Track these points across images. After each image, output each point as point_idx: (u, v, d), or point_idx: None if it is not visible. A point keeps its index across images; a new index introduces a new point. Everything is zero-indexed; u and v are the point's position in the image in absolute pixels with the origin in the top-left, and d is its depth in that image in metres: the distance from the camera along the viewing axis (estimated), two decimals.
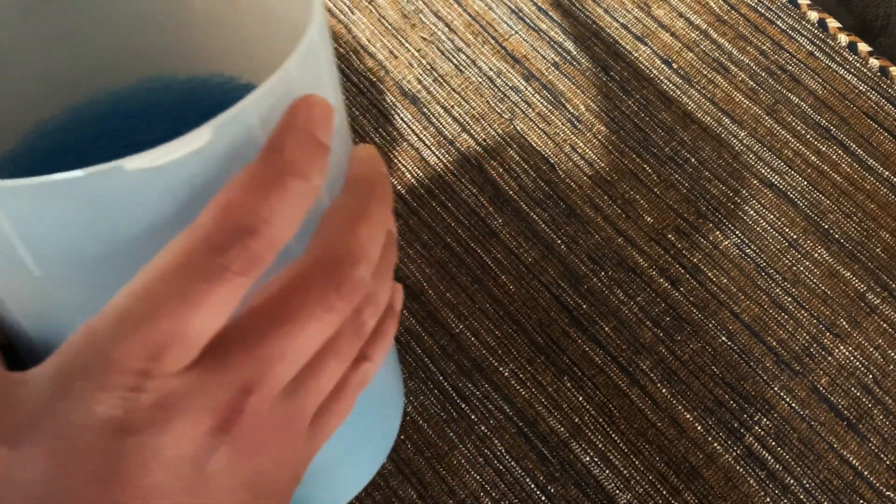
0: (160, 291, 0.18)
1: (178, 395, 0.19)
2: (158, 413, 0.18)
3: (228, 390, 0.20)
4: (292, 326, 0.20)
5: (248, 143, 0.20)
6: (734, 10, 0.60)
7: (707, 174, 0.55)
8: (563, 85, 0.58)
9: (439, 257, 0.53)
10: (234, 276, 0.19)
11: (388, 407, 0.38)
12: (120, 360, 0.18)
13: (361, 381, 0.25)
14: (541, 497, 0.46)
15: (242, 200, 0.19)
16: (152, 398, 0.18)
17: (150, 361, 0.18)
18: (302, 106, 0.20)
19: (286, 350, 0.20)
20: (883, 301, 0.51)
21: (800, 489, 0.46)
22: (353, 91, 0.58)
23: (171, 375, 0.19)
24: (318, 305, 0.21)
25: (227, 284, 0.18)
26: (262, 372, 0.20)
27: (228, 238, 0.18)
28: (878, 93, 0.57)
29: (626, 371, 0.49)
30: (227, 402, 0.19)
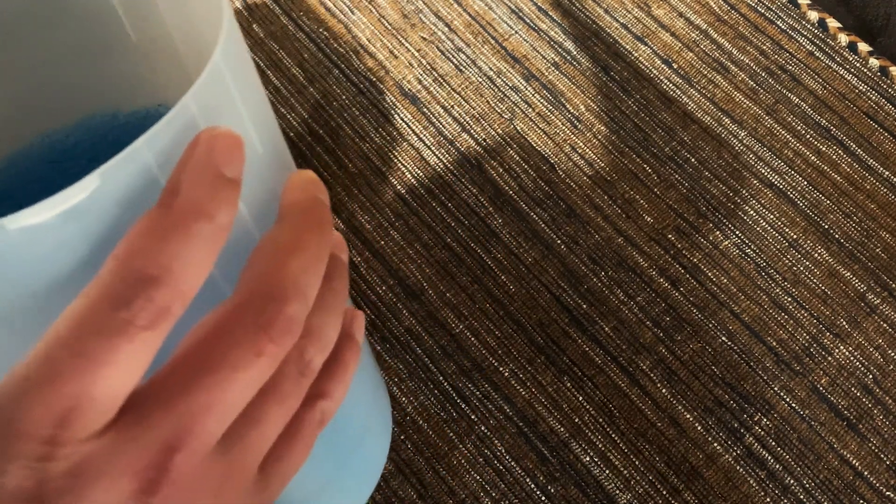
0: (62, 353, 0.17)
1: (94, 459, 0.18)
2: (72, 481, 0.17)
3: (150, 450, 0.18)
4: (218, 376, 0.19)
5: (148, 185, 0.18)
6: (734, 10, 0.60)
7: (707, 174, 0.55)
8: (563, 85, 0.58)
9: (439, 257, 0.52)
10: (140, 330, 0.17)
11: (368, 440, 0.36)
12: (25, 429, 0.17)
13: (320, 420, 0.24)
14: (541, 497, 0.46)
15: (142, 249, 0.18)
16: (64, 466, 0.17)
17: (58, 428, 0.17)
18: (203, 140, 0.19)
19: (213, 402, 0.19)
20: (883, 301, 0.51)
21: (800, 489, 0.46)
22: (353, 91, 0.58)
23: (83, 440, 0.18)
24: (246, 351, 0.19)
25: (133, 340, 0.17)
26: (187, 427, 0.19)
27: (130, 291, 0.17)
28: (878, 93, 0.57)
29: (626, 371, 0.49)
30: (150, 463, 0.18)
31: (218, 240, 0.19)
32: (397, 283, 0.52)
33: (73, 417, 0.17)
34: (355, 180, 0.55)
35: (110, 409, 0.18)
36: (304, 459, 0.24)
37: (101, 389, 0.17)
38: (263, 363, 0.20)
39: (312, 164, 0.56)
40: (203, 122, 0.19)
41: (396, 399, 0.49)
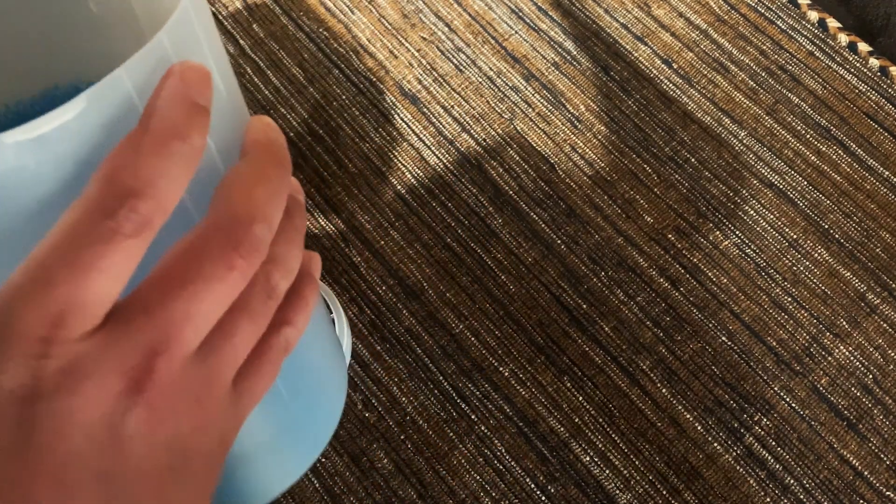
0: (54, 260, 0.18)
1: (85, 358, 0.19)
2: (66, 378, 0.19)
3: (136, 352, 0.20)
4: (195, 287, 0.20)
5: (128, 111, 0.20)
6: (734, 10, 0.60)
7: (707, 174, 0.55)
8: (563, 85, 0.58)
9: (439, 257, 0.52)
10: (124, 238, 0.19)
11: (325, 388, 0.37)
12: (21, 330, 0.18)
13: (285, 345, 0.25)
14: (541, 497, 0.46)
15: (125, 165, 0.19)
16: (58, 364, 0.19)
17: (52, 328, 0.18)
18: (176, 70, 0.20)
19: (191, 311, 0.20)
20: (883, 301, 0.51)
21: (800, 489, 0.46)
22: (353, 91, 0.58)
23: (75, 341, 0.19)
24: (219, 264, 0.21)
25: (119, 247, 0.19)
26: (169, 333, 0.20)
27: (115, 202, 0.19)
28: (878, 93, 0.57)
29: (626, 371, 0.49)
30: (136, 364, 0.20)
31: (192, 159, 0.20)
32: (397, 283, 0.52)
33: (65, 319, 0.19)
34: (355, 180, 0.55)
35: (99, 312, 0.19)
36: (271, 381, 0.25)
37: (90, 294, 0.19)
38: (235, 277, 0.21)
39: (312, 164, 0.56)
40: (175, 56, 0.21)
41: (396, 399, 0.49)
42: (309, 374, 0.34)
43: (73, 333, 0.19)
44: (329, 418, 0.37)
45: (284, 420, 0.33)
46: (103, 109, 0.19)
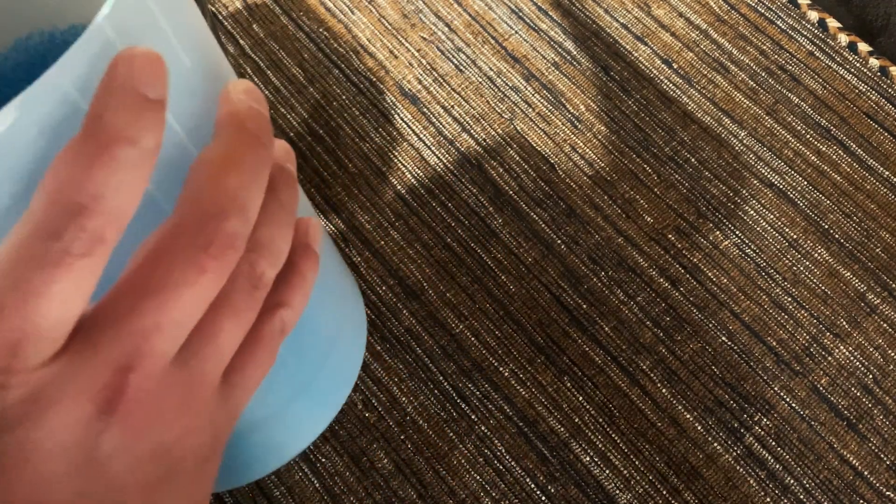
0: (2, 288, 0.17)
1: (48, 385, 0.18)
2: (30, 406, 0.18)
3: (104, 371, 0.19)
4: (163, 295, 0.19)
5: (71, 113, 0.18)
6: (734, 10, 0.60)
7: (707, 174, 0.55)
8: (563, 85, 0.58)
9: (439, 257, 0.52)
10: (76, 259, 0.18)
11: (341, 343, 0.35)
12: None
13: (281, 328, 0.24)
14: (541, 497, 0.46)
15: (69, 179, 0.17)
16: (19, 393, 0.18)
17: (9, 358, 0.18)
18: (121, 62, 0.18)
19: (161, 321, 0.19)
20: (883, 301, 0.51)
21: (800, 489, 0.46)
22: (353, 91, 0.58)
23: (36, 368, 0.18)
24: (189, 269, 0.19)
25: (71, 269, 0.18)
26: (139, 347, 0.19)
27: (61, 221, 0.17)
28: (878, 93, 0.57)
29: (626, 371, 0.49)
30: (106, 384, 0.19)
31: (145, 163, 0.18)
32: (397, 283, 0.52)
33: (21, 347, 0.18)
34: (355, 180, 0.55)
35: (59, 336, 0.18)
36: (267, 368, 0.24)
37: (45, 319, 0.18)
38: (208, 280, 0.20)
39: (312, 164, 0.56)
40: (120, 42, 0.18)
41: (396, 399, 0.49)
42: (317, 334, 0.31)
43: (32, 361, 0.18)
44: (347, 368, 0.35)
45: (293, 386, 0.31)
46: (41, 115, 0.17)
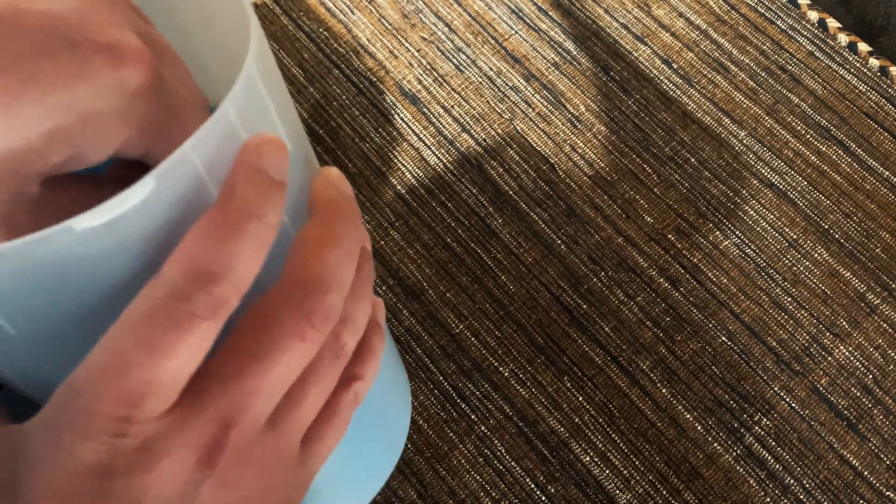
0: (132, 343, 0.19)
1: (161, 436, 0.20)
2: (143, 455, 0.19)
3: (209, 427, 0.20)
4: (267, 359, 0.21)
5: (198, 187, 0.20)
6: (734, 10, 0.60)
7: (707, 174, 0.55)
8: (563, 85, 0.58)
9: (439, 257, 0.53)
10: (200, 321, 0.19)
11: (391, 414, 0.37)
12: (101, 410, 0.19)
13: (354, 399, 0.26)
14: (541, 497, 0.46)
15: (203, 249, 0.19)
16: (136, 442, 0.19)
17: (130, 409, 0.19)
18: (252, 146, 0.20)
19: (262, 383, 0.21)
20: (883, 301, 0.51)
21: (800, 489, 0.46)
22: (353, 91, 0.58)
23: (152, 419, 0.20)
24: (291, 337, 0.21)
25: (195, 329, 0.19)
26: (241, 406, 0.21)
27: (192, 286, 0.19)
28: (878, 93, 0.57)
29: (626, 371, 0.49)
30: (210, 439, 0.20)
31: (269, 237, 0.21)
32: (397, 283, 0.52)
33: (143, 400, 0.19)
34: (355, 180, 0.55)
35: (174, 390, 0.20)
36: (341, 436, 0.26)
37: (166, 374, 0.19)
38: (306, 348, 0.22)
39: None
40: (240, 123, 0.21)
41: None
42: (373, 405, 0.33)
43: (150, 413, 0.20)
44: (397, 437, 0.37)
45: (346, 456, 0.33)
46: (171, 188, 0.19)
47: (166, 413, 0.20)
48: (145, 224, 0.19)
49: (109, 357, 0.19)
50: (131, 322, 0.19)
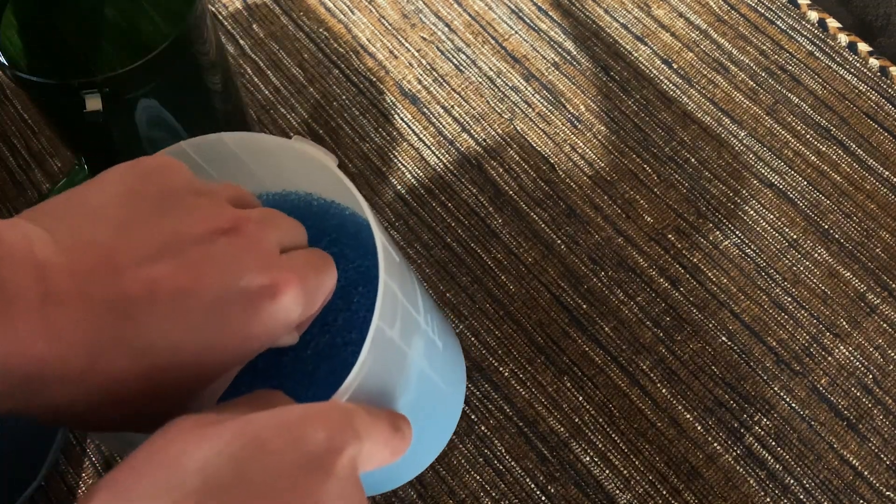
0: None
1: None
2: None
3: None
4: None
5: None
6: (734, 10, 0.60)
7: (707, 174, 0.55)
8: (563, 85, 0.58)
9: (439, 257, 0.52)
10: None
11: (454, 384, 0.39)
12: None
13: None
14: (541, 497, 0.46)
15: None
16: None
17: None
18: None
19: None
20: (883, 301, 0.51)
21: (800, 489, 0.46)
22: (353, 91, 0.58)
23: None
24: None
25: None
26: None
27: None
28: (878, 93, 0.57)
29: (626, 371, 0.49)
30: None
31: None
32: None
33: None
34: (355, 180, 0.55)
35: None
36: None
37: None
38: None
39: None
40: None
41: None
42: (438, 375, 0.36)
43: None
44: (454, 410, 0.39)
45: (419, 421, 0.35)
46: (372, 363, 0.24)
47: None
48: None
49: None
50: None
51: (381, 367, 0.25)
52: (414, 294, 0.29)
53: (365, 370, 0.23)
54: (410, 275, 0.30)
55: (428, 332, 0.30)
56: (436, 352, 0.31)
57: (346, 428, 0.21)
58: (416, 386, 0.28)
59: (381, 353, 0.24)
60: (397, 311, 0.25)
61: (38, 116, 0.58)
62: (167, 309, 0.21)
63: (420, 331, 0.28)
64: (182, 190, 0.23)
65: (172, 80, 0.41)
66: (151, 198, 0.22)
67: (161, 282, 0.21)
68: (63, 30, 0.40)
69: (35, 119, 0.58)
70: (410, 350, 0.27)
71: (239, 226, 0.23)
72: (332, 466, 0.20)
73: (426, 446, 0.37)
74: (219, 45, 0.45)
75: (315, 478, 0.19)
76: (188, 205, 0.23)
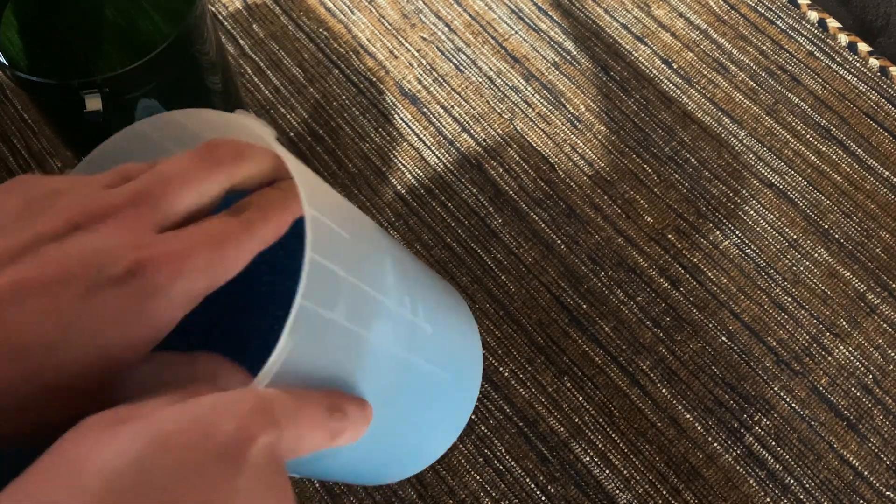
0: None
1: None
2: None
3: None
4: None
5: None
6: (734, 10, 0.60)
7: (707, 174, 0.55)
8: (563, 85, 0.58)
9: (439, 257, 0.52)
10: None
11: (469, 363, 0.38)
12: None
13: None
14: (541, 497, 0.46)
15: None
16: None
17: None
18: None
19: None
20: (883, 301, 0.51)
21: (800, 489, 0.46)
22: (353, 91, 0.58)
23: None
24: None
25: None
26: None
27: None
28: (878, 93, 0.57)
29: (626, 371, 0.49)
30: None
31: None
32: None
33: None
34: (355, 180, 0.55)
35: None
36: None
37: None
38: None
39: (312, 164, 0.56)
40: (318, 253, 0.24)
41: None
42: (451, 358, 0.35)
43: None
44: (469, 395, 0.38)
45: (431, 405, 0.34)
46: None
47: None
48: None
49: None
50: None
51: (319, 350, 0.24)
52: (380, 275, 0.28)
53: (291, 353, 0.23)
54: (383, 255, 0.29)
55: (404, 315, 0.29)
56: (422, 337, 0.30)
57: (258, 416, 0.21)
58: (391, 372, 0.28)
59: (319, 336, 0.24)
60: (340, 292, 0.25)
61: (38, 116, 0.58)
62: (38, 305, 0.21)
63: (388, 314, 0.28)
64: (41, 196, 0.23)
65: (172, 80, 0.41)
66: (10, 211, 0.23)
67: (26, 280, 0.21)
68: (63, 30, 0.40)
69: (35, 119, 0.58)
70: (370, 334, 0.26)
71: (102, 213, 0.23)
72: (244, 457, 0.20)
73: (433, 432, 0.36)
74: (219, 45, 0.45)
75: (225, 471, 0.20)
76: (47, 207, 0.23)
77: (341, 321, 0.25)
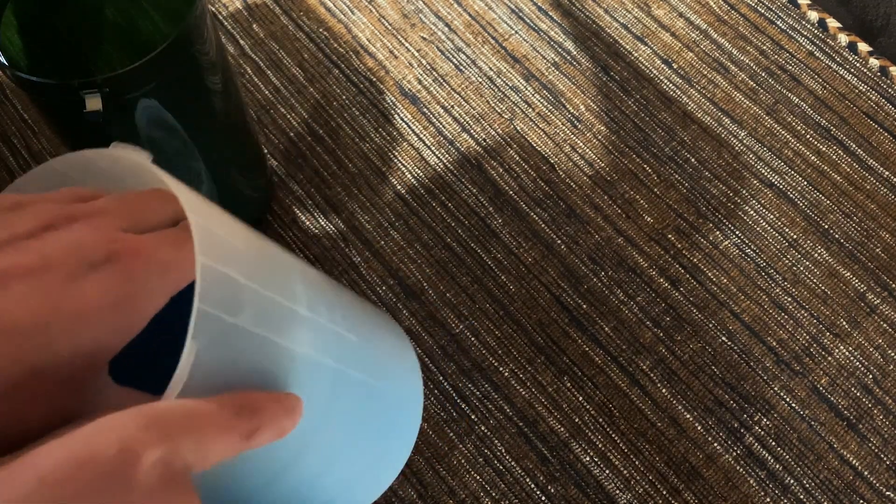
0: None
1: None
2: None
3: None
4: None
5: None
6: (734, 10, 0.60)
7: (707, 174, 0.55)
8: (563, 85, 0.58)
9: (439, 257, 0.52)
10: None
11: (406, 405, 0.38)
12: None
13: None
14: (541, 497, 0.46)
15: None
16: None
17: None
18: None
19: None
20: (883, 301, 0.51)
21: (800, 489, 0.46)
22: (353, 91, 0.58)
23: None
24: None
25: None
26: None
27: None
28: (878, 93, 0.57)
29: (626, 371, 0.49)
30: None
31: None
32: (397, 283, 0.52)
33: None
34: (355, 180, 0.55)
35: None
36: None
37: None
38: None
39: (312, 164, 0.56)
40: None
41: None
42: (385, 397, 0.35)
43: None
44: (407, 436, 0.37)
45: (359, 447, 0.34)
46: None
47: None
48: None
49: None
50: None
51: (231, 357, 0.24)
52: (285, 283, 0.28)
53: (201, 360, 0.22)
54: (288, 267, 0.29)
55: (321, 322, 0.29)
56: (348, 345, 0.30)
57: (144, 432, 0.20)
58: (322, 380, 0.28)
59: (227, 342, 0.24)
60: (242, 297, 0.25)
61: (38, 116, 0.58)
62: (24, 289, 0.21)
63: (303, 321, 0.28)
64: (8, 206, 0.24)
65: (172, 80, 0.41)
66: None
67: (10, 268, 0.21)
68: (63, 30, 0.40)
69: (35, 119, 0.58)
70: (286, 341, 0.27)
71: (72, 217, 0.24)
72: (132, 479, 0.19)
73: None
74: (219, 45, 0.45)
75: (111, 498, 0.19)
76: (18, 213, 0.24)
77: (249, 326, 0.24)
